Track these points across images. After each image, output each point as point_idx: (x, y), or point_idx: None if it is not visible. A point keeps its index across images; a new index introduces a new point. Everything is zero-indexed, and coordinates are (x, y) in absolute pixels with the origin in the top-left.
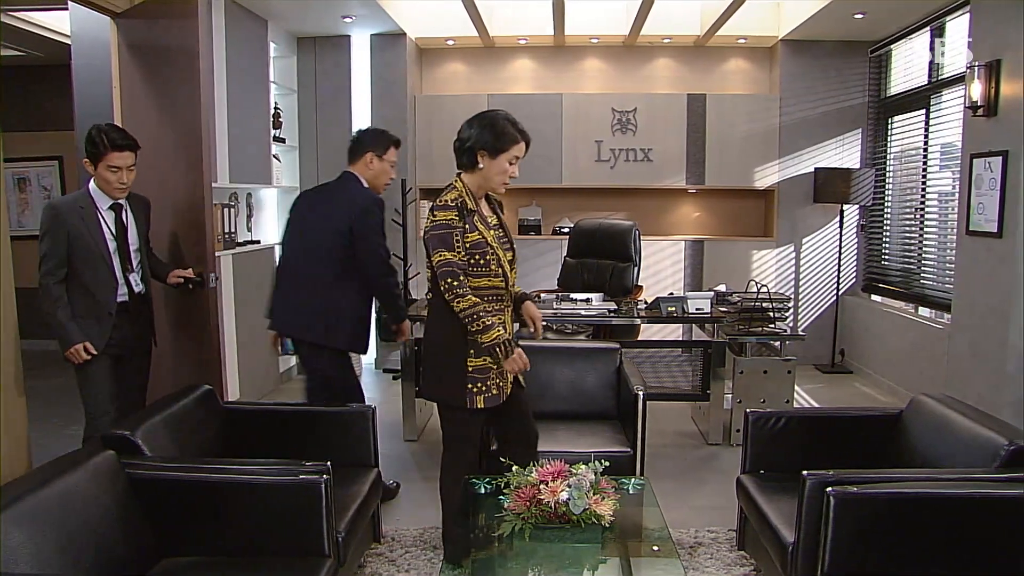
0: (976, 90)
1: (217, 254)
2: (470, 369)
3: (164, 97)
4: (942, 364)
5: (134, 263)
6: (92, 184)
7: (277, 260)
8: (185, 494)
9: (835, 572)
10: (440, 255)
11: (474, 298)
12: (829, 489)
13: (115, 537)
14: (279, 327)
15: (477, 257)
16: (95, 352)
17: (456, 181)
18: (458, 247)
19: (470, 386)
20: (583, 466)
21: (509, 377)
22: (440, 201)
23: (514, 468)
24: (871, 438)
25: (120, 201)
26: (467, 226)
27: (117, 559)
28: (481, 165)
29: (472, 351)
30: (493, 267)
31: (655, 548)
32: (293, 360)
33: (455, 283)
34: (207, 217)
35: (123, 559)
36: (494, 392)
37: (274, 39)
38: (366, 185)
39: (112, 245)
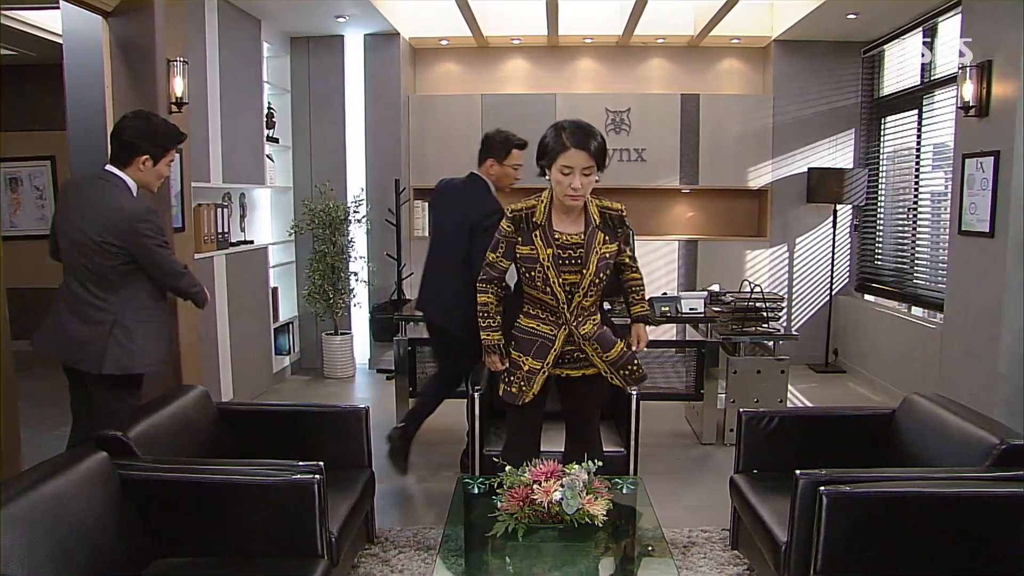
0: (968, 90)
1: (209, 254)
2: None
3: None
4: (935, 364)
5: None
6: (126, 178)
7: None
8: (178, 495)
9: (828, 571)
10: (487, 254)
11: (488, 298)
12: (822, 488)
13: (107, 538)
14: (420, 309)
15: (524, 270)
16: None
17: (546, 191)
18: (500, 252)
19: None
20: (576, 466)
21: (536, 386)
22: (509, 210)
23: (507, 468)
24: (864, 438)
25: None
26: (521, 239)
27: (109, 560)
28: (547, 176)
29: (512, 343)
30: (539, 283)
31: (650, 548)
32: (287, 360)
33: (482, 277)
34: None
35: (116, 560)
36: (513, 391)
37: (267, 39)
38: (492, 188)
39: None
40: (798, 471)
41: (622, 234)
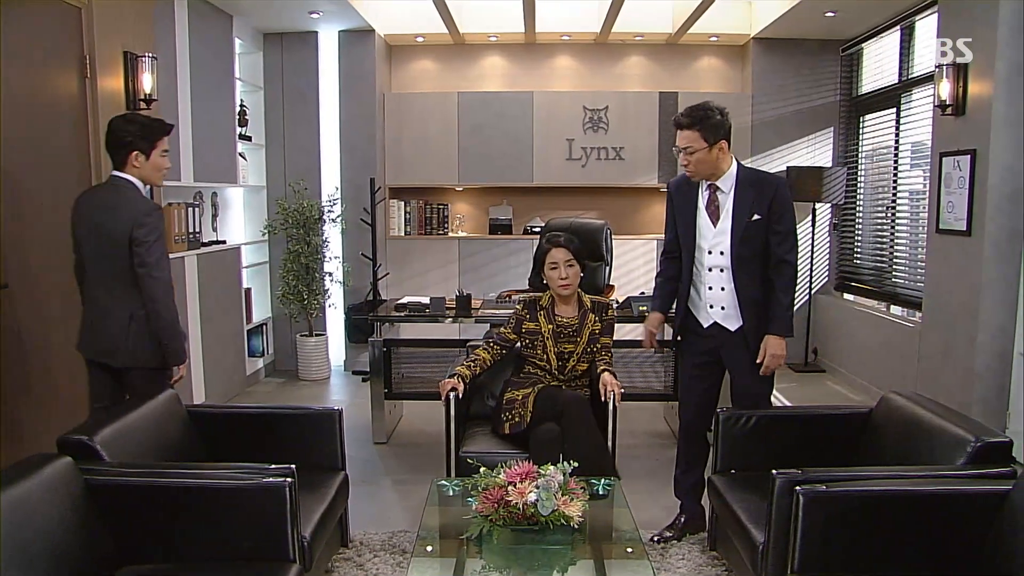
0: (945, 89)
1: (180, 255)
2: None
3: None
4: (914, 362)
5: None
6: (133, 179)
7: None
8: (146, 500)
9: (805, 570)
10: (501, 329)
11: (484, 354)
12: (798, 488)
13: (72, 545)
14: None
15: (528, 342)
16: None
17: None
18: (511, 327)
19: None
20: (551, 467)
21: (530, 405)
22: (522, 297)
23: (482, 470)
24: (842, 436)
25: None
26: (528, 316)
27: (74, 568)
28: (545, 280)
29: (508, 389)
30: (539, 351)
31: (629, 550)
32: (260, 363)
33: (489, 340)
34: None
35: (80, 568)
36: (516, 420)
37: (239, 35)
38: None
39: None
40: (775, 471)
41: (608, 319)
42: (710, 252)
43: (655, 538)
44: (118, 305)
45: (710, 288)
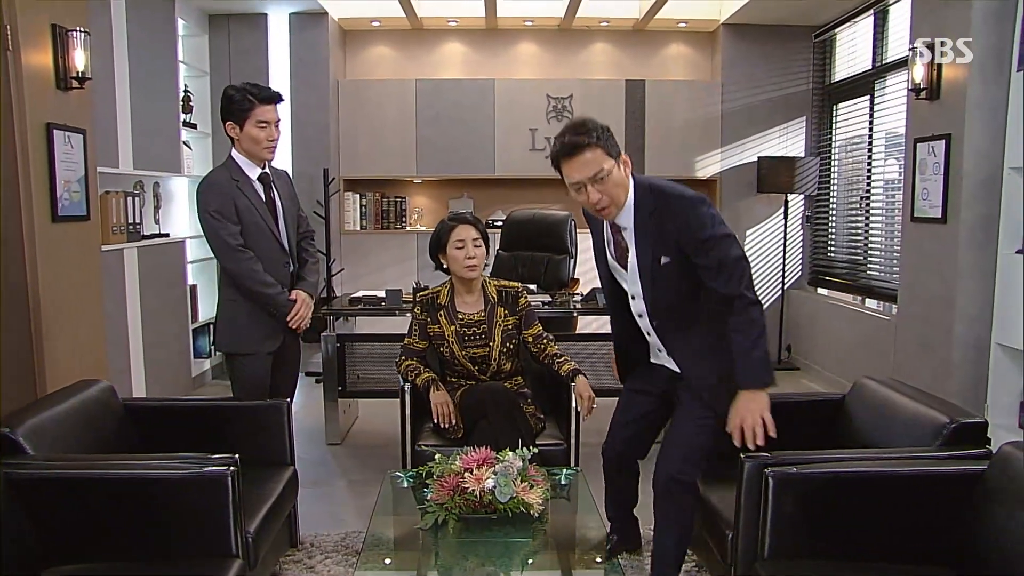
0: (919, 73)
1: (119, 246)
2: None
3: None
4: (890, 356)
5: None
6: (234, 153)
7: None
8: (74, 494)
9: (776, 555)
10: (405, 338)
11: (411, 361)
12: (768, 471)
13: None
14: None
15: (436, 346)
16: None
17: (446, 281)
18: (415, 335)
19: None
20: (510, 452)
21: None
22: (417, 296)
23: (437, 457)
24: (814, 423)
25: (267, 171)
26: (429, 319)
27: None
28: (444, 265)
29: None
30: (448, 357)
31: (598, 560)
32: (207, 364)
33: (401, 355)
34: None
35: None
36: (452, 432)
37: (183, 16)
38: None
39: (277, 218)
40: (743, 454)
41: (521, 310)
42: (633, 298)
43: None
44: None
45: (649, 335)
